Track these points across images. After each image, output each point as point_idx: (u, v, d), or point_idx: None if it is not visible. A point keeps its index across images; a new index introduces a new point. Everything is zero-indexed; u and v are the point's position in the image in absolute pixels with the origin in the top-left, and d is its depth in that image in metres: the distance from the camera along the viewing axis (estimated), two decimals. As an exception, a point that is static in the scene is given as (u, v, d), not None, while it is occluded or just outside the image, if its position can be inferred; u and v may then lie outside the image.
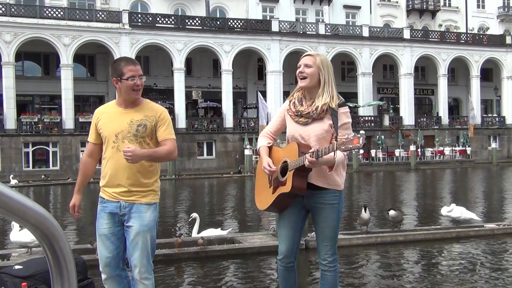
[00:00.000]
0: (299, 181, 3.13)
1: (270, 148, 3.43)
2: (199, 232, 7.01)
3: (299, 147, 3.14)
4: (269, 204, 3.33)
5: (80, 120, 30.35)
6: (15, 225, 6.70)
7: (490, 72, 43.85)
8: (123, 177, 3.22)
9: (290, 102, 3.35)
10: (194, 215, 7.27)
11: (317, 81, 3.22)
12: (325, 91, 3.20)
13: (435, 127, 38.35)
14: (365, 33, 37.48)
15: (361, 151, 31.19)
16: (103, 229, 3.28)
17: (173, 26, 32.57)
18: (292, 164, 3.13)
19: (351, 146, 2.85)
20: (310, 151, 3.01)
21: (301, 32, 35.94)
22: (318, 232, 3.34)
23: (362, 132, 4.09)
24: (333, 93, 3.20)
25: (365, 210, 7.78)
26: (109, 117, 3.35)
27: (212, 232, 7.18)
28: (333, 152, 2.96)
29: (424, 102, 44.85)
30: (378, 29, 38.62)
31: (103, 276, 3.30)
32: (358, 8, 41.35)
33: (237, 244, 7.32)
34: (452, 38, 40.63)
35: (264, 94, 34.29)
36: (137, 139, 3.25)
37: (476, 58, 40.53)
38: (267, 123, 27.21)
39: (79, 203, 3.38)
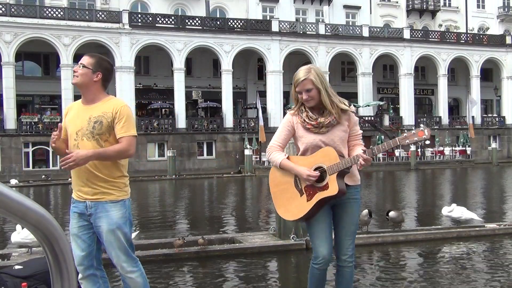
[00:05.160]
0: (342, 183, 3.30)
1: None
2: None
3: (337, 152, 3.34)
4: (305, 212, 3.36)
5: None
6: (18, 227, 6.70)
7: (490, 72, 43.86)
8: (84, 175, 3.25)
9: (301, 114, 3.45)
10: None
11: (320, 96, 3.40)
12: (330, 101, 3.38)
13: (435, 127, 38.36)
14: (365, 33, 37.48)
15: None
16: (73, 228, 3.32)
17: (173, 26, 32.56)
18: (334, 168, 3.28)
19: (416, 138, 3.16)
20: (362, 150, 3.31)
21: (301, 32, 35.94)
22: (341, 228, 3.46)
23: (422, 125, 4.08)
24: (337, 99, 3.42)
25: (369, 214, 7.74)
26: (74, 114, 3.39)
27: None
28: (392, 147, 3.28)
29: (424, 102, 44.86)
30: (378, 29, 38.63)
31: (79, 276, 3.33)
32: (358, 8, 41.36)
33: (237, 244, 7.30)
34: (452, 38, 40.63)
35: (264, 94, 34.31)
36: (93, 137, 3.26)
37: (476, 58, 40.54)
38: (264, 124, 26.67)
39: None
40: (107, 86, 3.44)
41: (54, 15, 30.19)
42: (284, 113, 3.78)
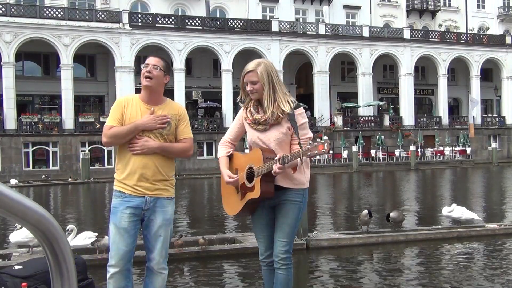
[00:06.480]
0: (267, 186, 3.25)
1: (231, 156, 3.57)
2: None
3: (263, 153, 3.25)
4: (239, 210, 3.43)
5: (80, 120, 30.37)
6: (18, 227, 6.68)
7: (490, 72, 43.87)
8: (149, 171, 3.32)
9: (246, 110, 3.46)
10: (71, 227, 7.08)
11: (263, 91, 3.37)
12: (271, 99, 3.32)
13: (435, 127, 38.36)
14: (365, 33, 37.49)
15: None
16: (123, 223, 3.32)
17: (173, 26, 32.58)
18: (259, 171, 3.24)
19: (316, 152, 3.03)
20: (276, 158, 3.13)
21: (301, 32, 35.95)
22: (277, 228, 3.41)
23: (325, 137, 4.17)
24: (281, 99, 3.33)
25: (369, 214, 7.74)
26: (135, 111, 3.42)
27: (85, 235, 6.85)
28: (299, 158, 3.12)
29: (424, 102, 44.87)
30: (378, 29, 38.64)
31: (114, 270, 3.30)
32: (358, 8, 41.36)
33: (238, 244, 7.30)
34: (452, 38, 40.65)
35: (264, 94, 34.30)
36: (162, 136, 3.38)
37: (476, 58, 40.54)
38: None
39: None
40: None
41: (54, 15, 30.20)
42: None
